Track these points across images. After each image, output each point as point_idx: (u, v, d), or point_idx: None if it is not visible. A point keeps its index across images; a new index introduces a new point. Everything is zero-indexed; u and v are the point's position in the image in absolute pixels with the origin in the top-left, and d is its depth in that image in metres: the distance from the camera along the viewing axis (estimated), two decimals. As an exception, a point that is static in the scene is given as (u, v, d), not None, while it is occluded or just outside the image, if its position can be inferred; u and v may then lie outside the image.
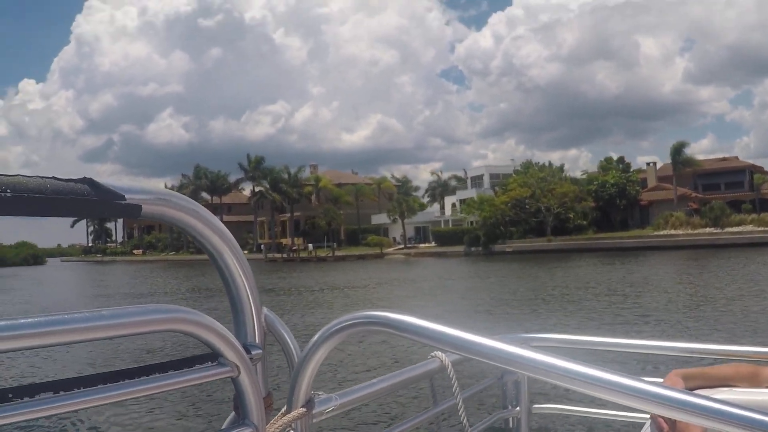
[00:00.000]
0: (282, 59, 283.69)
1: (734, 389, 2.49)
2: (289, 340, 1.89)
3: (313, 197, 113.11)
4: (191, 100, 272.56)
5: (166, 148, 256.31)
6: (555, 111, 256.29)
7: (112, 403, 1.23)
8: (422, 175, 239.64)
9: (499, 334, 1.62)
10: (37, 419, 1.11)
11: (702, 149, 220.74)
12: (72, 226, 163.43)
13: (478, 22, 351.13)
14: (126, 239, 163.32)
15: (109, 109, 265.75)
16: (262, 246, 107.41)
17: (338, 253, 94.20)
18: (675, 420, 2.19)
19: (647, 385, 1.39)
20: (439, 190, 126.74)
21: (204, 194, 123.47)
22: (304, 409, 1.74)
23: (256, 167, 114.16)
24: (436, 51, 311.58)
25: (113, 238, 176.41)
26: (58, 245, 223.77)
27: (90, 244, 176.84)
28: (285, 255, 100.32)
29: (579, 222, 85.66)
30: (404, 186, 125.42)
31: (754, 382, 2.53)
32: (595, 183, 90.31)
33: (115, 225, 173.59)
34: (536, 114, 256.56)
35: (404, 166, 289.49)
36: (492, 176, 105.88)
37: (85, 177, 1.11)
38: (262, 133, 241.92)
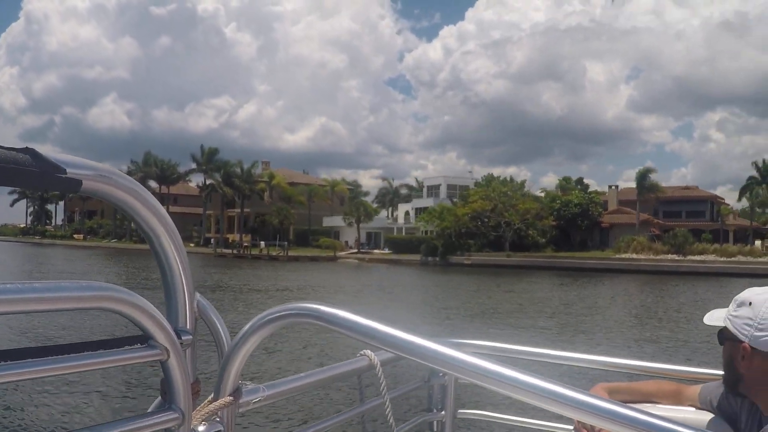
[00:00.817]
0: (231, 54, 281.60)
1: (657, 405, 2.62)
2: (220, 328, 1.87)
3: (266, 194, 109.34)
4: (136, 87, 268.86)
5: (108, 133, 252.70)
6: (498, 127, 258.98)
7: (38, 378, 1.22)
8: (362, 181, 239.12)
9: (431, 338, 1.61)
10: None
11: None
12: (12, 205, 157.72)
13: (429, 34, 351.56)
14: (66, 223, 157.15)
15: (52, 90, 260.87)
16: (212, 240, 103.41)
17: (291, 254, 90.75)
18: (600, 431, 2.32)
19: (574, 392, 1.40)
20: (389, 197, 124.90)
21: (151, 183, 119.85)
22: (231, 398, 1.73)
23: (208, 159, 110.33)
24: (385, 59, 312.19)
25: (53, 220, 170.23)
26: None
27: (28, 225, 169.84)
28: (235, 251, 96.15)
29: (538, 239, 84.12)
30: (355, 191, 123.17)
31: (676, 399, 2.67)
32: (557, 201, 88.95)
33: (56, 207, 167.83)
34: (479, 129, 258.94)
35: (344, 171, 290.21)
36: (449, 187, 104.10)
37: (27, 147, 1.08)
38: (205, 126, 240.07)
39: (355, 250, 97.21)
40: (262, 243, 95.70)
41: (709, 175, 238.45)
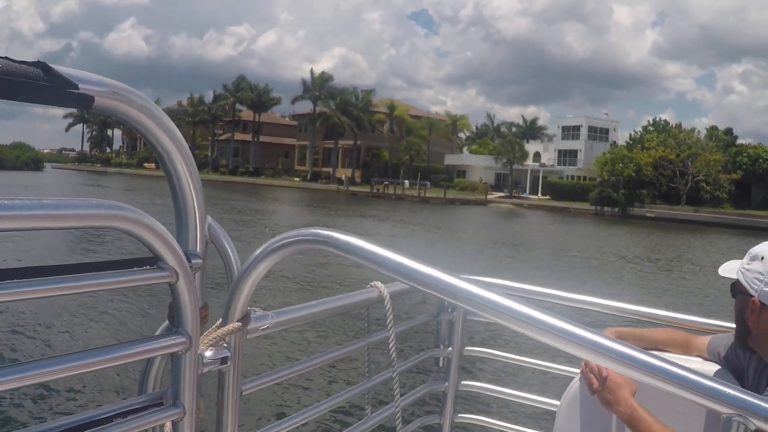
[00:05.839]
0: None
1: (665, 354, 2.54)
2: (230, 253, 1.82)
3: (386, 126, 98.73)
4: (156, 13, 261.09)
5: (124, 59, 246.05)
6: (519, 66, 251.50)
7: (45, 297, 1.19)
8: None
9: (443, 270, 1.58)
10: None
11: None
12: (67, 130, 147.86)
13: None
14: (126, 149, 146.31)
15: (70, 14, 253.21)
16: (343, 177, 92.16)
17: (443, 195, 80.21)
18: (606, 377, 2.40)
19: (587, 332, 1.39)
20: (491, 135, 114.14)
21: (239, 108, 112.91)
22: (239, 324, 1.70)
23: (321, 86, 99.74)
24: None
25: (112, 147, 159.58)
26: (46, 150, 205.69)
27: (84, 151, 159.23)
28: (375, 190, 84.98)
29: (718, 194, 74.20)
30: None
31: (685, 349, 2.68)
32: (744, 154, 78.51)
33: (112, 133, 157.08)
34: (500, 67, 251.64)
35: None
36: (590, 129, 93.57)
37: (39, 60, 1.06)
38: (223, 54, 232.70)
39: (503, 194, 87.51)
40: (406, 182, 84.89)
41: (729, 127, 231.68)
